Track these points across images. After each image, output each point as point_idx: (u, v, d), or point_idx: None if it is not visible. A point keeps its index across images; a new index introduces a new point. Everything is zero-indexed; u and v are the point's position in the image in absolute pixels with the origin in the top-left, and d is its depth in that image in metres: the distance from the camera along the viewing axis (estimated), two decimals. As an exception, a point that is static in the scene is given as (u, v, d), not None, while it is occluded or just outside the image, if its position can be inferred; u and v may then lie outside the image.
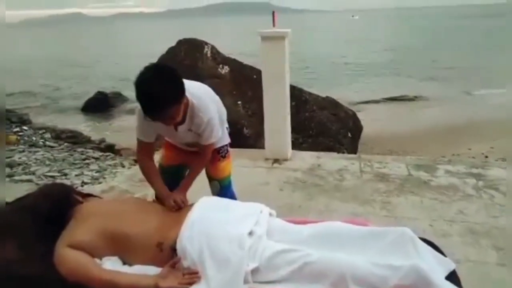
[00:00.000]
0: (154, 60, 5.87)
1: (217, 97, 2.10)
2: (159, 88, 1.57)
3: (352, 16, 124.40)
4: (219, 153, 2.19)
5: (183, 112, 1.75)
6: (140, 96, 1.57)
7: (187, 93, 1.72)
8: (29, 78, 18.71)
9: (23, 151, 4.72)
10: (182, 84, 1.66)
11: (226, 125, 2.27)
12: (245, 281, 1.36)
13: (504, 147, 6.28)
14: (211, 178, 2.25)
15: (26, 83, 17.08)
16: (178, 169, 2.24)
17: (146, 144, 1.95)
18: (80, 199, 1.71)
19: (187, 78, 1.79)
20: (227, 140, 2.24)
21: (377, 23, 71.70)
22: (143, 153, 1.98)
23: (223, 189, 2.26)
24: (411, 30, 45.72)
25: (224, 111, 2.20)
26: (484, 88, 12.83)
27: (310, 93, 6.04)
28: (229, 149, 2.28)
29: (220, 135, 2.06)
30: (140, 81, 1.58)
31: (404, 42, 30.25)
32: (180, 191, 1.91)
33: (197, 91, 1.86)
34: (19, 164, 4.23)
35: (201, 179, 2.14)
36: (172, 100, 1.61)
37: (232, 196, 2.28)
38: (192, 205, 1.65)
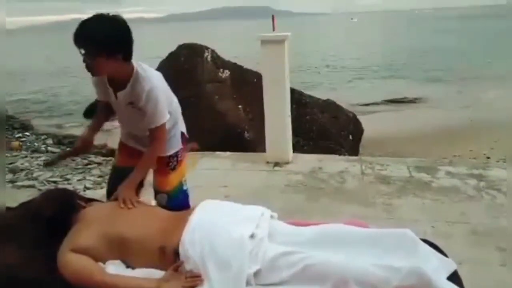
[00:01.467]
0: (155, 65, 5.90)
1: (168, 90, 1.94)
2: (98, 26, 1.57)
3: (351, 18, 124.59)
4: (168, 166, 1.96)
5: (123, 78, 1.71)
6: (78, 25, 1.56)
7: (135, 64, 1.71)
8: (31, 84, 18.77)
9: (26, 156, 4.75)
10: (122, 40, 1.63)
11: (183, 128, 2.06)
12: (248, 284, 1.36)
13: (505, 147, 6.27)
14: (158, 191, 1.99)
15: (28, 89, 17.13)
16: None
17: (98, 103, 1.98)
18: (83, 204, 1.72)
19: (188, 82, 1.80)
20: (178, 145, 2.00)
21: (376, 26, 71.81)
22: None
23: (172, 199, 2.00)
24: (410, 32, 45.79)
25: (177, 108, 2.01)
26: (484, 89, 12.82)
27: (310, 96, 6.05)
28: (180, 157, 2.02)
29: (168, 117, 1.82)
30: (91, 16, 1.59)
31: (403, 44, 30.28)
32: (127, 187, 1.75)
33: (146, 67, 1.80)
34: (21, 170, 4.25)
35: (197, 185, 2.13)
36: (101, 43, 1.56)
37: (185, 200, 2.06)
38: (193, 208, 1.66)
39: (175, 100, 2.01)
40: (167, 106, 1.84)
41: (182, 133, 2.05)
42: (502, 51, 20.77)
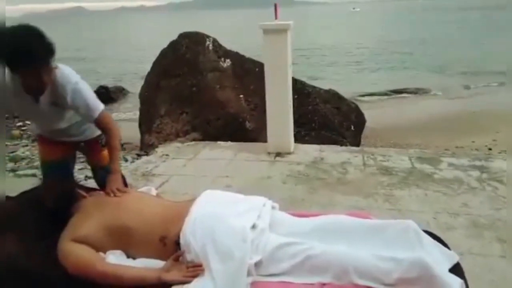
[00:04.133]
0: (156, 53, 5.85)
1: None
2: (35, 40, 1.56)
3: (353, 8, 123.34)
4: (99, 143, 2.13)
5: (49, 80, 1.70)
6: (11, 44, 1.51)
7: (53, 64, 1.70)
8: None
9: (26, 145, 4.74)
10: (52, 45, 1.63)
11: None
12: (249, 274, 1.36)
13: (507, 139, 6.24)
14: (96, 167, 2.16)
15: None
16: (64, 164, 2.12)
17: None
18: (83, 193, 1.71)
19: (189, 72, 1.79)
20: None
21: (378, 16, 71.14)
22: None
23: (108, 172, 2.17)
24: (412, 22, 45.35)
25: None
26: (487, 81, 12.74)
27: (313, 86, 5.99)
28: None
29: (101, 104, 1.92)
30: (11, 31, 1.54)
31: (406, 35, 30.02)
32: (114, 178, 1.80)
33: (60, 64, 1.82)
34: (22, 159, 4.24)
35: (198, 175, 2.11)
36: (44, 55, 1.59)
37: None
38: (194, 199, 1.65)
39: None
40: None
41: None
42: (504, 43, 20.56)
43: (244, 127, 5.10)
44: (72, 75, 1.81)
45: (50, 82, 1.73)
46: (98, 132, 2.08)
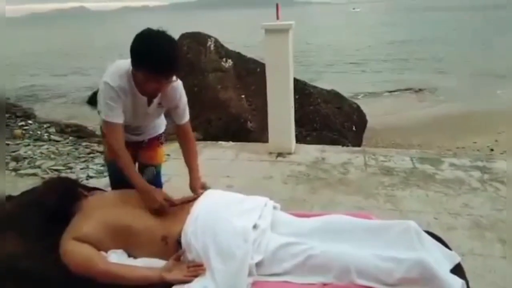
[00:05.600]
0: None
1: None
2: (179, 49, 1.65)
3: (353, 8, 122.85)
4: (159, 140, 2.18)
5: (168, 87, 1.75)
6: (163, 53, 1.54)
7: None
8: (34, 72, 18.75)
9: (28, 145, 4.74)
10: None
11: None
12: (250, 274, 1.36)
13: (509, 140, 6.23)
14: (146, 165, 2.14)
15: (31, 77, 17.11)
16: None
17: (116, 126, 1.74)
18: (85, 193, 1.71)
19: (191, 72, 1.81)
20: (165, 124, 2.21)
21: (379, 16, 71.01)
22: (116, 137, 1.75)
23: (158, 174, 2.21)
24: (412, 22, 45.24)
25: None
26: (489, 81, 12.71)
27: (314, 87, 5.99)
28: (165, 134, 2.25)
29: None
30: (160, 39, 1.57)
31: (407, 35, 29.96)
32: (198, 176, 1.90)
33: None
34: (24, 158, 4.25)
35: (203, 173, 2.09)
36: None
37: (160, 182, 2.25)
38: (196, 198, 1.65)
39: None
40: None
41: None
42: (505, 42, 20.51)
43: (246, 127, 5.10)
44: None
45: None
46: (160, 131, 2.15)
